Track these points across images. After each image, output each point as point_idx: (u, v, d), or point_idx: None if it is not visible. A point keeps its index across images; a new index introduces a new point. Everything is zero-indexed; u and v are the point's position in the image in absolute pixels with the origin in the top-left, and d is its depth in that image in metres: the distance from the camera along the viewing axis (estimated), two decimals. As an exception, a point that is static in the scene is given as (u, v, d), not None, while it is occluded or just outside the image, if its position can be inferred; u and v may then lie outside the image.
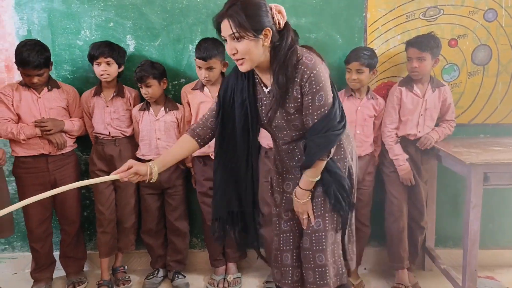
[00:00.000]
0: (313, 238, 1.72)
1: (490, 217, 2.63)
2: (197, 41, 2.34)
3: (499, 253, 2.70)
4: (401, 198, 2.42)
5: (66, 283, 2.54)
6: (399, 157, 2.35)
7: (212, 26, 2.42)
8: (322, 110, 1.57)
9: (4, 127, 2.26)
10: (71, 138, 2.43)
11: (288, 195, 1.81)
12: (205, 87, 2.39)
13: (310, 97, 1.56)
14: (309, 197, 1.71)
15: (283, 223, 1.84)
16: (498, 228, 2.69)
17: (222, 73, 2.40)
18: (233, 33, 1.47)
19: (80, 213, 2.55)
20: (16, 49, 2.20)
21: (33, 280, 2.49)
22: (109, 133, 2.41)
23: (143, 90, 2.35)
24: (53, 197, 2.40)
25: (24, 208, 2.39)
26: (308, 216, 1.74)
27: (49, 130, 2.29)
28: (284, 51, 1.53)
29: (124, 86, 2.47)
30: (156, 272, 2.59)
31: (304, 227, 1.75)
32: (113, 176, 1.61)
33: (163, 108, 2.42)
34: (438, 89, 2.38)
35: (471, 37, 2.49)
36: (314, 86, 1.54)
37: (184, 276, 2.57)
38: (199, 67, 2.30)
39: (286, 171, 1.81)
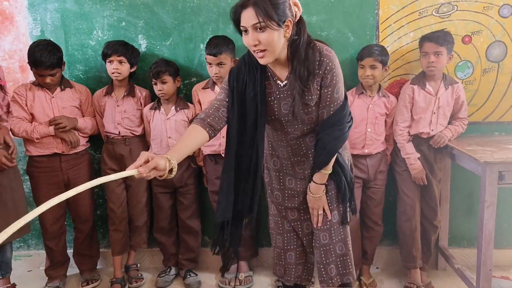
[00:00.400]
0: (332, 231, 1.73)
1: (505, 216, 2.59)
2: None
3: (514, 253, 2.66)
4: (414, 197, 2.39)
5: (80, 280, 2.58)
6: (411, 156, 2.33)
7: (223, 25, 2.47)
8: (338, 102, 1.58)
9: (18, 126, 2.29)
10: (84, 137, 2.46)
11: (290, 192, 1.80)
12: (216, 86, 2.39)
13: (330, 89, 1.56)
14: (324, 191, 1.71)
15: (286, 223, 1.85)
16: (513, 227, 2.65)
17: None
18: (258, 22, 1.41)
19: (94, 211, 2.57)
20: (29, 50, 2.22)
21: (47, 278, 2.52)
22: (119, 132, 2.43)
23: (158, 87, 2.36)
24: (67, 195, 2.45)
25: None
26: (324, 212, 1.73)
27: (64, 127, 2.31)
28: (303, 45, 1.52)
29: (135, 85, 2.48)
30: (169, 270, 2.60)
31: (319, 224, 1.74)
32: (129, 172, 1.43)
33: (174, 107, 2.43)
34: (451, 86, 2.35)
35: (485, 33, 2.45)
36: (334, 78, 1.55)
37: (196, 274, 2.58)
38: (210, 64, 2.30)
39: (286, 167, 1.78)
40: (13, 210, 2.20)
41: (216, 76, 2.32)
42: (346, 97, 1.62)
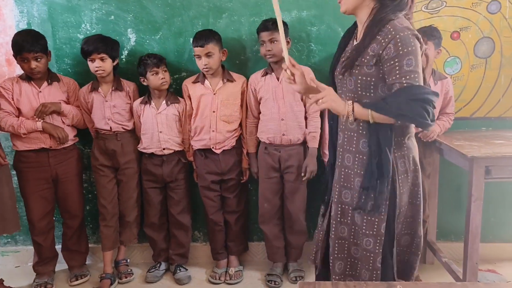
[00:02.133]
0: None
1: (491, 210, 2.63)
2: (198, 35, 2.34)
3: (500, 247, 2.70)
4: None
5: (69, 276, 2.56)
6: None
7: (213, 19, 2.47)
8: (413, 76, 1.43)
9: (4, 120, 2.27)
10: (73, 131, 2.43)
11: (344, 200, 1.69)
12: (206, 80, 2.39)
13: (396, 60, 1.44)
14: (347, 114, 1.52)
15: (341, 227, 1.70)
16: (500, 221, 2.69)
17: (222, 66, 2.40)
18: None
19: (83, 207, 2.56)
20: (12, 39, 2.23)
21: (35, 274, 2.50)
22: (111, 128, 2.41)
23: (160, 75, 2.34)
24: (56, 190, 2.43)
25: (26, 201, 2.40)
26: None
27: (48, 110, 2.28)
28: (388, 9, 1.50)
29: (121, 79, 2.46)
30: (158, 265, 2.60)
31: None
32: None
33: (164, 101, 2.42)
34: (441, 81, 2.37)
35: (474, 29, 2.47)
36: (400, 48, 1.43)
37: (186, 269, 2.58)
38: (198, 57, 2.30)
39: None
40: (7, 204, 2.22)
41: (206, 68, 2.31)
42: (424, 82, 1.50)
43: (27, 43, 2.19)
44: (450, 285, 1.40)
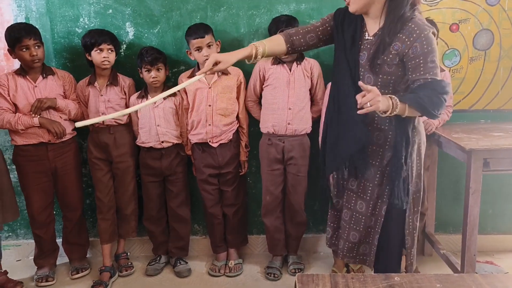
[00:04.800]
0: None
1: (489, 202, 2.64)
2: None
3: (498, 238, 2.71)
4: None
5: (70, 269, 2.58)
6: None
7: (212, 13, 2.46)
8: (435, 72, 1.53)
9: (1, 117, 2.27)
10: (70, 125, 2.43)
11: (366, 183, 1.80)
12: (201, 74, 2.38)
13: (421, 58, 1.53)
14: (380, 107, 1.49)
15: (359, 202, 1.83)
16: (498, 213, 2.70)
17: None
18: None
19: (82, 200, 2.57)
20: (7, 32, 2.24)
21: (36, 267, 2.52)
22: (103, 121, 2.41)
23: (152, 74, 2.34)
24: (55, 184, 2.44)
25: (26, 195, 2.41)
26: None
27: (43, 106, 2.28)
28: (406, 5, 1.54)
29: (118, 74, 2.46)
30: (158, 258, 2.62)
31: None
32: (198, 77, 1.72)
33: (161, 95, 2.42)
34: (439, 74, 2.37)
35: (472, 21, 2.47)
36: (425, 47, 1.52)
37: (186, 262, 2.59)
38: (198, 49, 2.30)
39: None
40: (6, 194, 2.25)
41: (207, 59, 2.30)
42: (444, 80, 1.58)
43: (25, 31, 2.22)
44: (448, 276, 1.41)
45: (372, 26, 1.65)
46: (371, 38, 1.65)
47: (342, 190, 1.90)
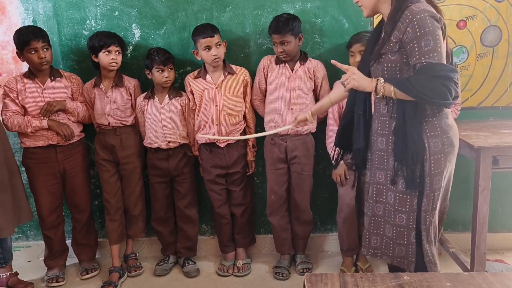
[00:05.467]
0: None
1: (499, 200, 2.62)
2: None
3: (508, 237, 2.68)
4: None
5: (79, 270, 2.60)
6: None
7: (217, 13, 2.46)
8: (431, 55, 1.50)
9: (11, 120, 2.29)
10: (78, 127, 2.45)
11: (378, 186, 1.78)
12: (207, 74, 2.39)
13: (414, 42, 1.52)
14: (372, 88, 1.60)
15: (377, 206, 1.81)
16: (508, 211, 2.68)
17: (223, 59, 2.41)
18: None
19: (91, 201, 2.59)
20: (16, 35, 2.27)
21: (47, 268, 2.54)
22: (109, 123, 2.43)
23: (165, 74, 2.35)
24: (64, 185, 2.46)
25: (35, 197, 2.44)
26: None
27: (52, 110, 2.31)
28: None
29: (123, 75, 2.47)
30: (167, 258, 2.63)
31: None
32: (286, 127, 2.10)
33: (167, 96, 2.43)
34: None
35: (480, 18, 2.44)
36: (417, 30, 1.51)
37: (195, 262, 2.60)
38: (208, 48, 2.29)
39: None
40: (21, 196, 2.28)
41: (217, 59, 2.31)
42: (446, 60, 1.55)
43: (33, 34, 2.24)
44: (457, 275, 1.40)
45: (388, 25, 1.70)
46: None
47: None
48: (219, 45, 2.31)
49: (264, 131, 2.46)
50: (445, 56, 1.55)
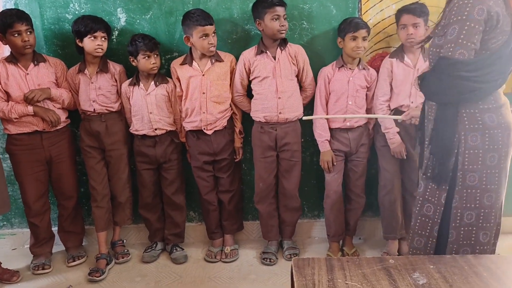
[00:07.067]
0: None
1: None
2: (189, 14, 2.30)
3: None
4: (393, 171, 2.43)
5: (66, 257, 2.58)
6: (390, 130, 2.36)
7: (204, -2, 2.41)
8: (450, 46, 1.45)
9: None
10: (64, 113, 2.41)
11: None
12: (193, 61, 2.37)
13: (445, 29, 1.47)
14: None
15: (427, 205, 1.68)
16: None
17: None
18: None
19: (77, 188, 2.56)
20: None
21: (32, 255, 2.52)
22: (94, 109, 2.40)
23: (152, 60, 2.32)
24: (50, 172, 2.43)
25: (21, 184, 2.41)
26: None
27: (38, 100, 2.26)
28: None
29: (108, 61, 2.43)
30: (155, 245, 2.63)
31: None
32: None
33: (153, 82, 2.40)
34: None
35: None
36: (453, 16, 1.44)
37: (182, 249, 2.61)
38: (205, 35, 2.26)
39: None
40: None
41: (212, 48, 2.30)
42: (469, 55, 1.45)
43: (17, 16, 2.19)
44: (441, 258, 1.43)
45: None
46: None
47: None
48: (215, 33, 2.29)
49: (251, 118, 2.46)
50: (473, 47, 1.44)
